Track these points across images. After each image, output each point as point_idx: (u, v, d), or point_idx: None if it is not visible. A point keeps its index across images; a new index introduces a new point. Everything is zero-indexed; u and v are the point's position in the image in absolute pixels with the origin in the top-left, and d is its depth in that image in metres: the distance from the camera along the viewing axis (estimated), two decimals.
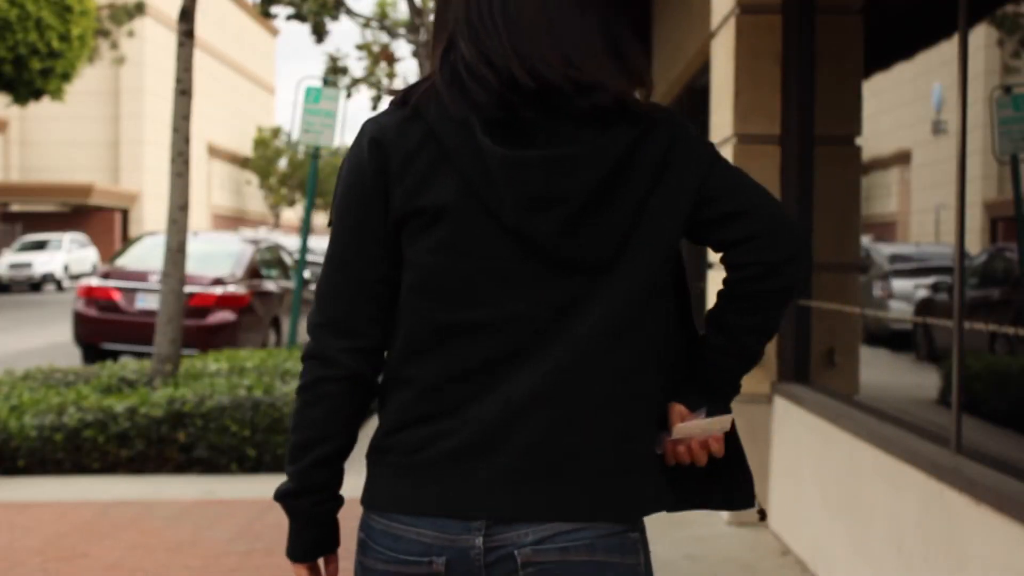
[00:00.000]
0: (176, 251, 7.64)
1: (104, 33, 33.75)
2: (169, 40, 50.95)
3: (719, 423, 1.63)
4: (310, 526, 1.65)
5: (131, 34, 36.18)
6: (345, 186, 1.59)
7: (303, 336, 13.51)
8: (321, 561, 1.68)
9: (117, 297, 12.08)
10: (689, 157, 1.57)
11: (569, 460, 1.53)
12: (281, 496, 1.64)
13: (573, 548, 1.52)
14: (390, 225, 1.57)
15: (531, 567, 1.52)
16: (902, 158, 4.85)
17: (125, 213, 49.26)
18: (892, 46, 4.92)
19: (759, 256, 1.56)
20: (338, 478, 1.65)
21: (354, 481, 1.68)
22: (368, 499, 1.62)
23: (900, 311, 4.73)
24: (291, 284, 13.29)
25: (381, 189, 1.56)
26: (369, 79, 29.97)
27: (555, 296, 1.53)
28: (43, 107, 36.90)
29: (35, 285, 35.74)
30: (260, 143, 62.10)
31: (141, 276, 12.10)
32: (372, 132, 1.57)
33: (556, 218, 1.50)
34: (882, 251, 5.15)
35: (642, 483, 1.59)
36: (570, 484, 1.53)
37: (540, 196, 1.50)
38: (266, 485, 6.47)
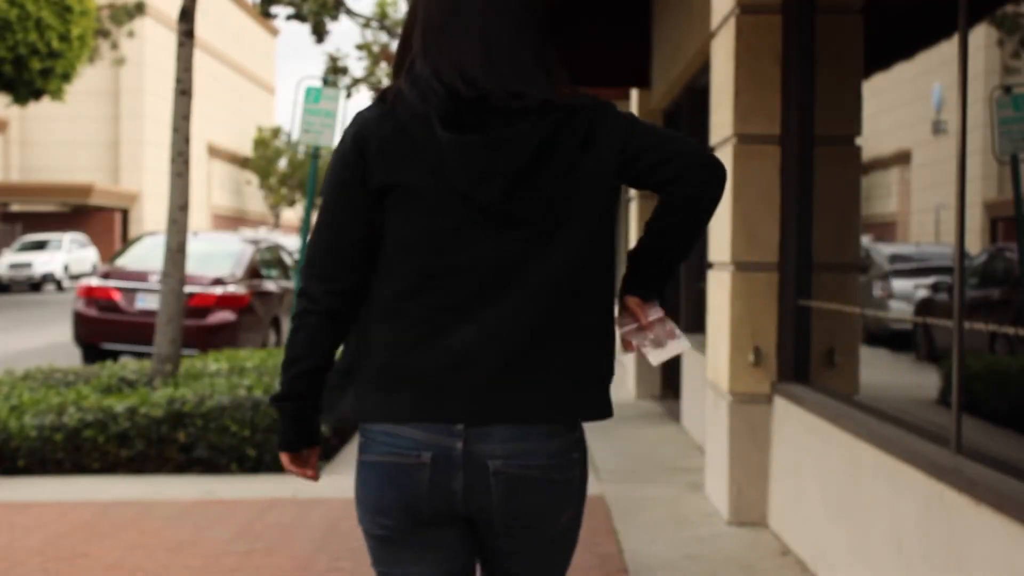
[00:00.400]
0: (176, 251, 7.64)
1: (104, 33, 33.76)
2: (169, 40, 50.93)
3: (680, 347, 2.10)
4: (293, 425, 2.09)
5: (131, 34, 36.18)
6: (333, 165, 2.04)
7: None
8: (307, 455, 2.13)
9: (117, 297, 12.08)
10: (611, 128, 2.02)
11: (527, 377, 1.97)
12: (272, 399, 2.08)
13: (531, 466, 1.98)
14: (369, 197, 2.00)
15: (500, 475, 1.97)
16: (902, 158, 4.85)
17: (125, 213, 49.25)
18: (892, 46, 4.91)
19: (686, 189, 2.02)
20: (315, 390, 2.06)
21: (347, 482, 1.72)
22: (367, 415, 2.02)
23: (900, 311, 4.73)
24: (291, 284, 13.29)
25: (361, 168, 2.00)
26: (369, 79, 29.97)
27: (507, 246, 1.97)
28: (43, 107, 36.89)
29: (35, 285, 35.74)
30: (260, 143, 62.07)
31: (141, 276, 12.09)
32: (357, 124, 2.03)
33: (496, 186, 1.95)
34: (882, 251, 5.15)
35: (587, 395, 2.03)
36: (529, 395, 1.97)
37: (482, 170, 1.94)
38: (266, 485, 6.48)
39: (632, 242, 10.35)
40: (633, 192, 10.36)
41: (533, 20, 2.06)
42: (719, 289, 5.65)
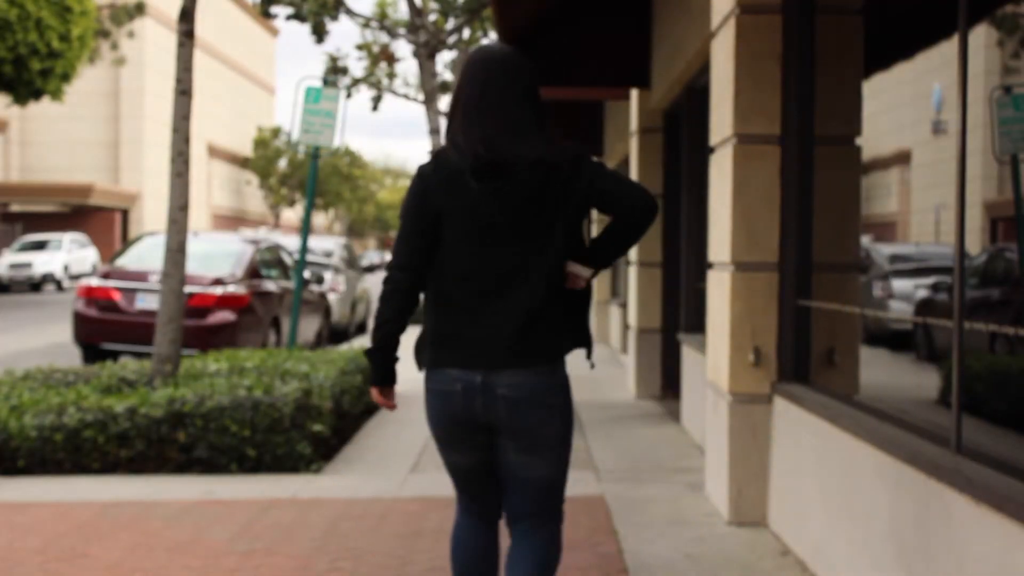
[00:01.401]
0: (176, 251, 7.63)
1: (104, 33, 33.75)
2: (169, 40, 50.89)
3: (585, 270, 3.20)
4: (380, 368, 3.22)
5: (131, 35, 36.16)
6: (408, 196, 3.19)
7: (303, 336, 13.52)
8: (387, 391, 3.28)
9: (117, 297, 12.08)
10: (583, 172, 3.12)
11: (525, 342, 3.10)
12: (367, 352, 3.21)
13: (524, 389, 3.12)
14: (428, 215, 3.13)
15: (504, 398, 3.11)
16: (902, 158, 4.84)
17: (125, 213, 49.25)
18: (892, 46, 4.91)
19: (630, 218, 3.15)
20: (393, 346, 3.19)
21: (347, 482, 1.70)
22: (430, 362, 3.19)
23: (900, 311, 4.72)
24: (291, 284, 13.28)
25: (424, 198, 3.14)
26: (369, 79, 29.95)
27: (514, 255, 3.10)
28: (43, 107, 36.87)
29: (35, 285, 35.74)
30: (260, 143, 62.05)
31: (141, 276, 12.09)
32: (421, 174, 3.18)
33: (506, 218, 3.09)
34: (882, 251, 5.14)
35: (555, 345, 3.16)
36: (524, 354, 3.10)
37: (496, 207, 3.09)
38: (266, 485, 6.48)
39: None
40: None
41: (533, 98, 3.19)
42: (719, 289, 5.65)
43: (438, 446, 3.32)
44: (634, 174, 10.36)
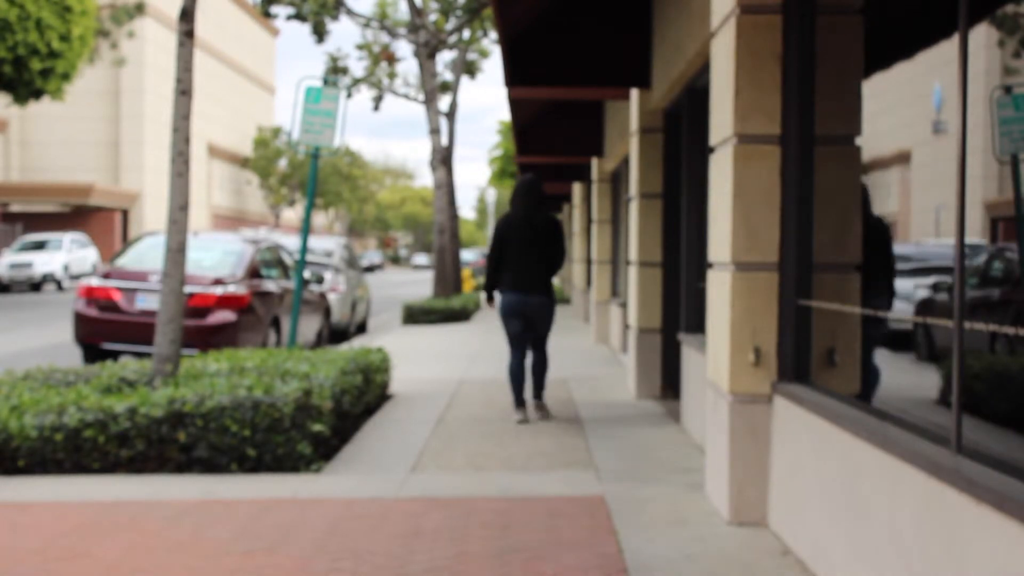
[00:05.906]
0: (176, 251, 7.63)
1: (104, 33, 33.76)
2: (169, 40, 50.90)
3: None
4: (488, 294, 9.30)
5: (131, 35, 36.17)
6: (495, 232, 9.10)
7: (303, 336, 13.54)
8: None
9: (117, 297, 12.08)
10: (555, 225, 9.17)
11: (538, 286, 9.00)
12: (484, 288, 9.30)
13: (541, 301, 9.02)
14: (501, 240, 9.01)
15: (533, 304, 9.00)
16: (902, 158, 4.84)
17: (125, 213, 49.26)
18: (892, 46, 4.90)
19: (553, 259, 9.17)
20: (495, 288, 9.19)
21: (347, 482, 1.70)
22: (503, 291, 9.01)
23: (900, 311, 4.72)
24: (291, 284, 13.28)
25: (502, 232, 9.03)
26: (370, 79, 29.95)
27: (536, 254, 9.01)
28: (43, 107, 36.91)
29: (35, 285, 35.76)
30: (260, 143, 62.07)
31: (141, 276, 12.09)
32: (504, 216, 9.11)
33: (531, 240, 9.01)
34: None
35: (549, 286, 9.11)
36: (536, 287, 8.98)
37: (528, 235, 9.02)
38: (266, 485, 6.48)
39: (633, 232, 10.43)
40: (633, 192, 10.38)
41: (543, 195, 9.09)
42: (719, 289, 5.65)
43: (504, 323, 8.90)
44: (634, 174, 10.37)
